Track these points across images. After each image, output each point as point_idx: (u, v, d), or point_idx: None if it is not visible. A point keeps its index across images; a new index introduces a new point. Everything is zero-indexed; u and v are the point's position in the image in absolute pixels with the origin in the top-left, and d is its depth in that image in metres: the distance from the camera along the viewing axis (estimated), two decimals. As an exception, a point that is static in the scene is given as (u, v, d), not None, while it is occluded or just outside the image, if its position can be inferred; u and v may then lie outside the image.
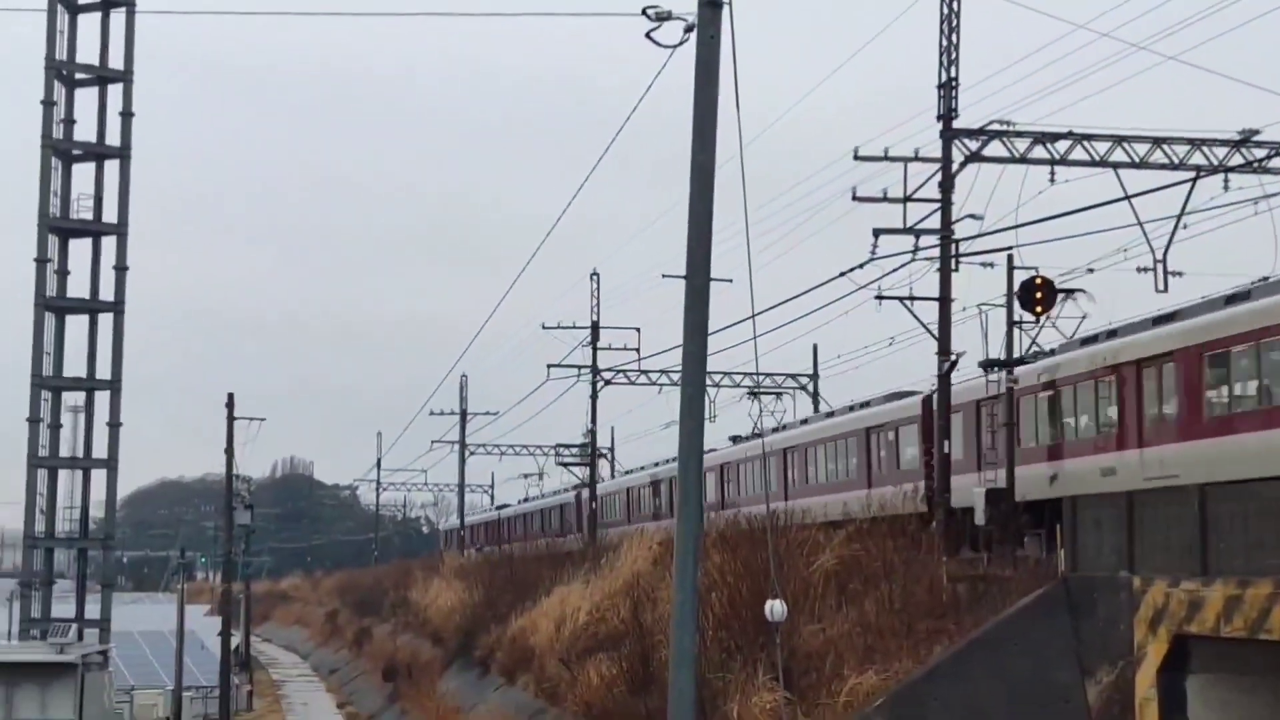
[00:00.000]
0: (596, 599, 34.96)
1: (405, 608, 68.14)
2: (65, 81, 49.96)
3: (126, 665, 60.30)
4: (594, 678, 28.98)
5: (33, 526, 49.27)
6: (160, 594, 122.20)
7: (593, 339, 59.24)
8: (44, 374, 48.80)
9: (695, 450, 10.47)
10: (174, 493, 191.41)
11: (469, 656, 46.96)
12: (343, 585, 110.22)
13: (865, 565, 24.86)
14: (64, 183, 49.72)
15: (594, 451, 60.79)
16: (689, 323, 10.54)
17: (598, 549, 43.48)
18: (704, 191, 10.59)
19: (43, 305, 48.81)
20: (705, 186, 10.58)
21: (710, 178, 10.60)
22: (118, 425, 49.66)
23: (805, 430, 41.93)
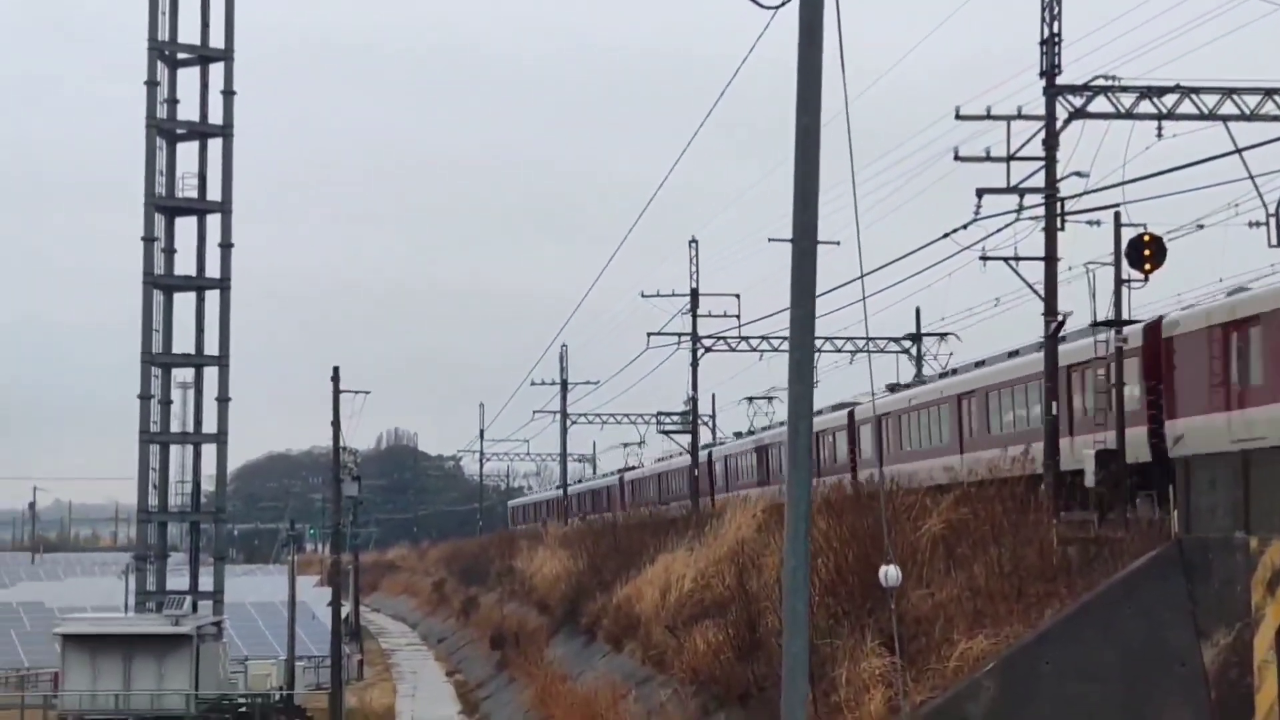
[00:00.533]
0: (701, 566, 34.96)
1: (511, 576, 68.65)
2: (168, 62, 50.69)
3: (239, 636, 61.44)
4: (700, 644, 28.99)
5: (146, 501, 50.27)
6: (271, 566, 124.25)
7: (692, 306, 59.13)
8: (154, 351, 49.70)
9: (805, 415, 10.43)
10: (282, 466, 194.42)
11: (575, 624, 47.21)
12: (448, 555, 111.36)
13: (973, 529, 24.63)
14: (169, 162, 50.51)
15: (695, 419, 60.76)
16: (796, 286, 10.49)
17: (701, 516, 43.47)
18: (809, 154, 10.52)
19: (151, 283, 49.68)
20: (810, 149, 10.51)
21: (816, 141, 10.53)
22: (226, 400, 50.49)
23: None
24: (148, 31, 49.72)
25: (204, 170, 50.84)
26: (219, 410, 50.56)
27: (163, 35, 49.97)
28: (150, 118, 49.74)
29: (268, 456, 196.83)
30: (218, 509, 53.03)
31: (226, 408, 50.57)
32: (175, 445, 53.17)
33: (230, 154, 50.38)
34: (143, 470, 50.01)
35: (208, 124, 50.74)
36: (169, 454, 51.97)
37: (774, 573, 27.72)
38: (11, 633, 68.69)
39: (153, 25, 49.73)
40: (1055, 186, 29.45)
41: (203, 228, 51.00)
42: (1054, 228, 29.51)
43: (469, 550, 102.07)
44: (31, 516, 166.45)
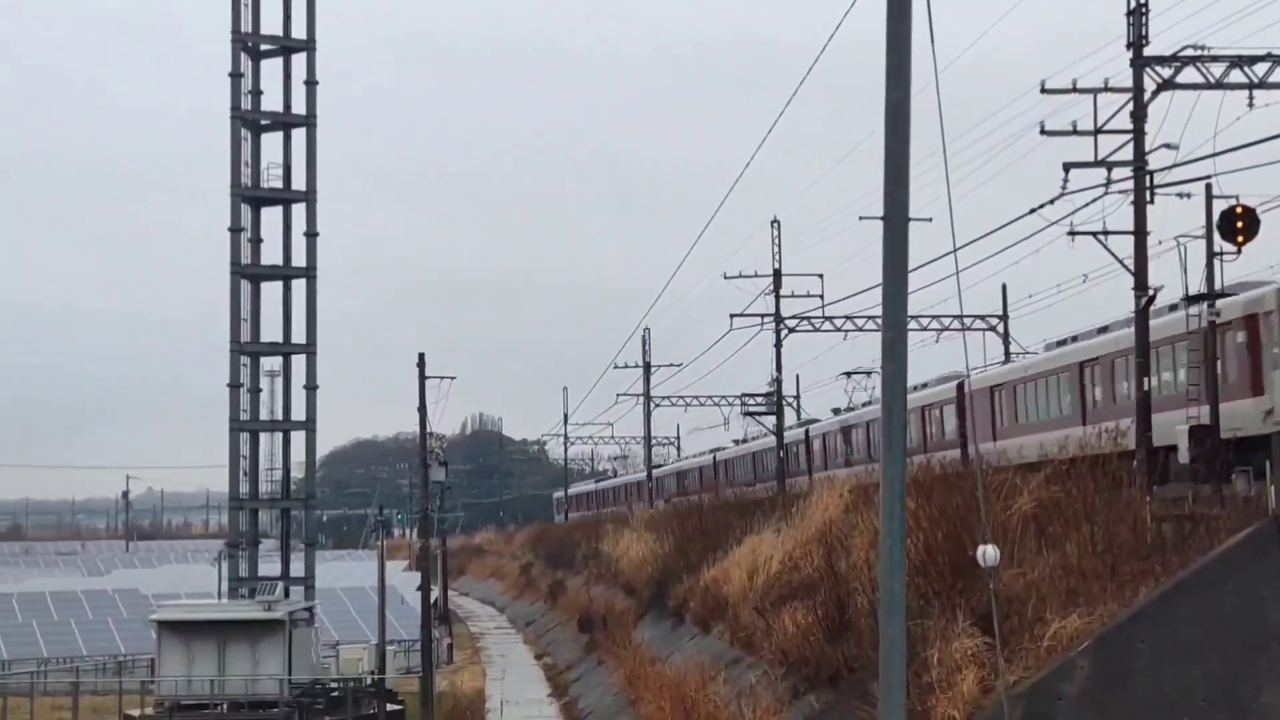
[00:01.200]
0: (788, 547, 34.85)
1: (597, 559, 68.88)
2: (251, 53, 51.17)
3: (330, 621, 62.16)
4: (789, 626, 28.91)
5: (237, 488, 50.84)
6: (360, 551, 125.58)
7: (775, 287, 58.98)
8: (242, 340, 50.24)
9: (898, 394, 10.36)
10: (368, 452, 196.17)
11: (662, 607, 47.27)
12: (534, 538, 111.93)
13: (1065, 507, 24.37)
14: (254, 152, 51.01)
15: (779, 400, 60.61)
16: (888, 264, 10.42)
17: (787, 497, 43.33)
18: (899, 131, 10.43)
19: (238, 273, 50.21)
20: (901, 126, 10.42)
21: (906, 116, 10.43)
22: (314, 388, 50.96)
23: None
24: (231, 24, 50.24)
25: (288, 160, 51.28)
26: (307, 398, 51.05)
27: (245, 27, 50.46)
28: (235, 109, 50.21)
29: (355, 443, 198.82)
30: (307, 495, 53.56)
31: (314, 395, 51.03)
32: (265, 433, 53.75)
33: (314, 143, 50.81)
34: (233, 458, 50.57)
35: (291, 114, 51.16)
36: (259, 441, 52.54)
37: (862, 553, 27.59)
38: (108, 620, 69.97)
39: (235, 18, 50.24)
40: (1144, 159, 29.01)
41: (288, 217, 51.46)
42: (1143, 201, 29.09)
43: (555, 534, 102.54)
44: (125, 505, 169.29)
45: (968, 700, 19.85)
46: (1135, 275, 29.27)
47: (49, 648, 65.77)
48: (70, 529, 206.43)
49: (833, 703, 24.93)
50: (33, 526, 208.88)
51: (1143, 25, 28.91)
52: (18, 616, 71.23)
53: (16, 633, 67.66)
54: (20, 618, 70.94)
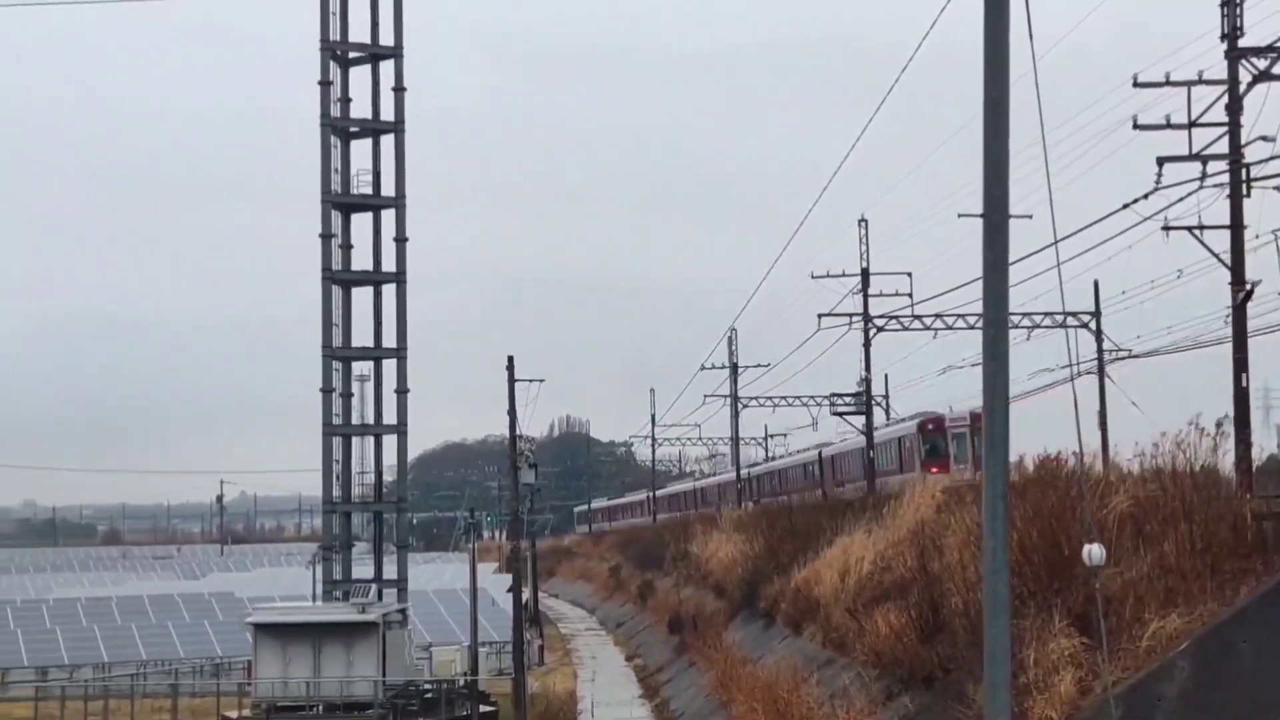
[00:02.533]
0: (880, 548, 34.69)
1: (686, 561, 68.89)
2: (340, 61, 51.66)
3: (422, 623, 62.64)
4: (882, 627, 28.78)
5: (330, 492, 51.24)
6: (450, 554, 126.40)
7: (863, 286, 58.70)
8: (333, 345, 50.67)
9: (1000, 392, 10.30)
10: (458, 455, 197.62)
11: (753, 608, 47.21)
12: (623, 540, 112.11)
13: (1162, 505, 24.07)
14: (343, 159, 51.45)
15: (869, 400, 60.29)
16: (988, 261, 10.39)
17: (878, 498, 43.15)
18: (998, 127, 10.38)
19: (329, 279, 50.67)
20: (1000, 122, 10.37)
21: (1005, 112, 10.38)
22: (405, 391, 51.31)
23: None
24: (320, 32, 50.72)
25: (377, 166, 51.66)
26: (398, 402, 51.39)
27: (334, 36, 50.94)
28: (324, 117, 50.67)
29: (444, 446, 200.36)
30: (399, 499, 53.94)
31: (405, 399, 51.38)
32: (356, 437, 54.19)
33: (402, 149, 51.17)
34: (326, 462, 50.95)
35: (379, 121, 51.55)
36: (351, 446, 52.97)
37: (955, 554, 27.41)
38: (205, 623, 71.03)
39: (324, 26, 50.71)
40: (1240, 152, 28.59)
41: (378, 223, 51.84)
42: (1239, 195, 28.66)
43: (643, 535, 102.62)
44: (219, 509, 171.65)
45: (1065, 701, 19.67)
46: (1232, 270, 28.85)
47: (148, 650, 66.86)
48: (166, 533, 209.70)
49: (927, 704, 24.79)
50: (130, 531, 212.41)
51: (1237, 17, 28.49)
52: (117, 620, 72.51)
53: (116, 635, 68.85)
54: (119, 621, 72.20)
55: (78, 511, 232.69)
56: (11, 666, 65.66)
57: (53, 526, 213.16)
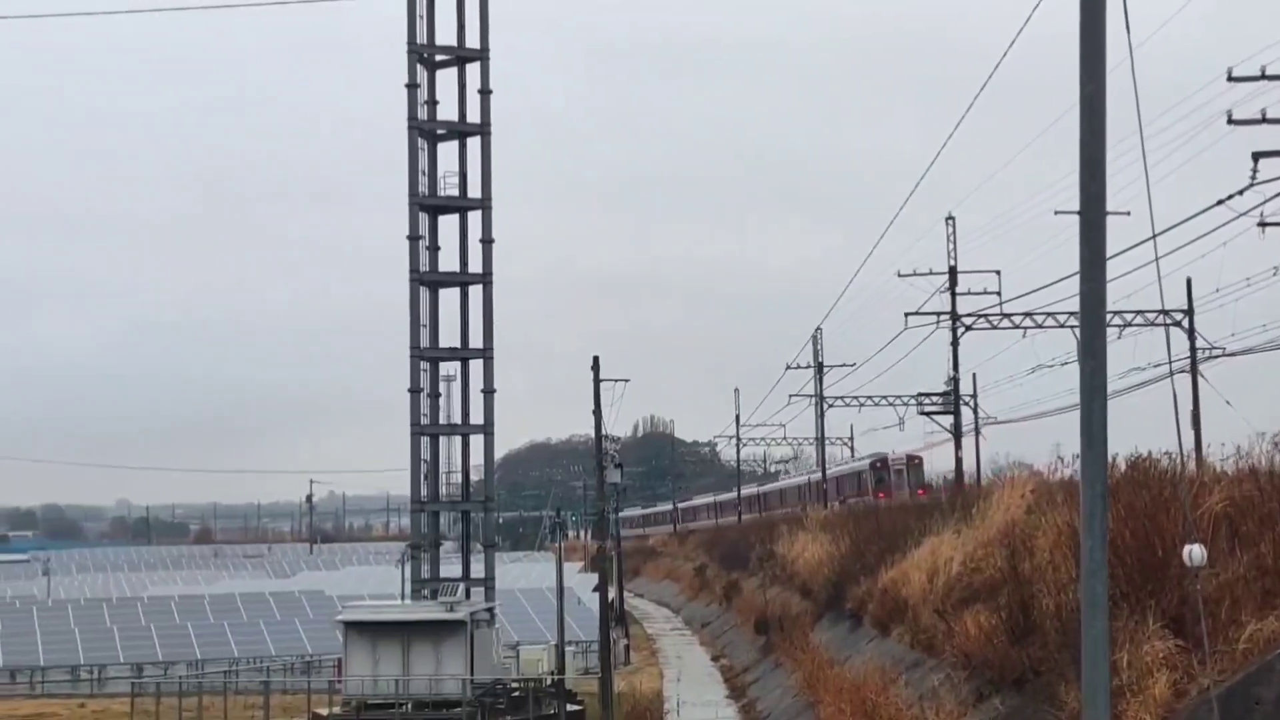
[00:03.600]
0: (969, 549, 34.38)
1: (772, 561, 68.73)
2: (426, 64, 52.07)
3: (509, 621, 63.00)
4: (971, 628, 28.53)
5: (418, 491, 51.64)
6: (536, 553, 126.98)
7: (950, 284, 58.29)
8: (421, 346, 51.07)
9: (1099, 391, 10.21)
10: (543, 455, 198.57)
11: (840, 609, 46.99)
12: (708, 540, 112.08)
13: (1258, 505, 23.69)
14: (430, 161, 51.85)
15: (956, 400, 59.85)
16: (1085, 259, 10.29)
17: (966, 498, 42.78)
18: (1094, 124, 10.28)
19: (417, 280, 51.07)
20: (1095, 119, 10.27)
21: (1101, 110, 10.28)
22: (492, 392, 51.62)
23: None
24: (406, 36, 51.14)
25: (464, 168, 52.01)
26: (484, 402, 51.69)
27: (421, 39, 51.35)
28: (411, 119, 51.07)
29: (529, 446, 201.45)
30: (486, 498, 54.23)
31: (492, 399, 51.68)
32: (444, 436, 54.57)
33: (489, 151, 51.50)
34: (414, 462, 51.36)
35: (466, 123, 51.89)
36: (438, 445, 53.34)
37: (1046, 555, 27.11)
38: (295, 620, 71.87)
39: (411, 30, 51.14)
40: (1338, 146, 28.07)
41: (464, 224, 52.18)
42: (1337, 189, 28.14)
43: (729, 535, 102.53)
44: (309, 509, 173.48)
45: (1160, 704, 19.40)
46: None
47: (240, 648, 67.76)
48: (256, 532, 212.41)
49: (1018, 707, 24.55)
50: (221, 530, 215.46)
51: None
52: (210, 617, 73.56)
53: (209, 633, 69.85)
54: (212, 618, 73.25)
55: (170, 511, 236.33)
56: (108, 663, 66.81)
57: (146, 526, 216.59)
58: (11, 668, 66.53)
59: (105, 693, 62.03)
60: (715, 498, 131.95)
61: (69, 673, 66.69)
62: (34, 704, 58.45)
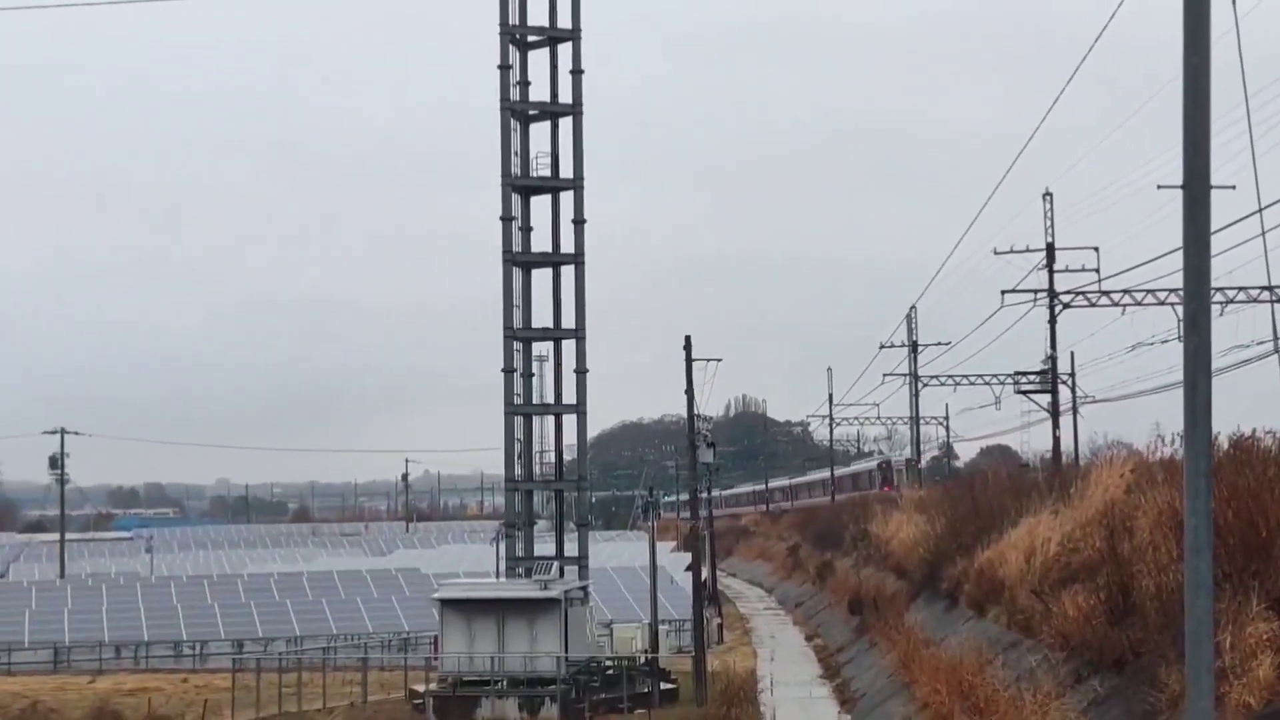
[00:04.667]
0: (1067, 529, 34.04)
1: (866, 541, 68.45)
2: (518, 45, 52.23)
3: (602, 600, 63.29)
4: (1070, 609, 28.25)
5: (512, 471, 51.98)
6: (629, 532, 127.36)
7: (1048, 261, 57.65)
8: (514, 326, 51.34)
9: (1203, 368, 10.07)
10: (635, 434, 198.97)
11: (935, 589, 46.70)
12: (801, 520, 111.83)
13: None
14: (523, 142, 52.03)
15: (1054, 378, 59.22)
16: (1189, 235, 10.14)
17: (1064, 478, 42.33)
18: (1198, 97, 10.12)
19: (510, 261, 51.33)
20: (1200, 92, 10.11)
21: (1206, 83, 10.12)
22: (584, 371, 51.81)
23: None
24: (499, 17, 51.32)
25: (556, 149, 52.16)
26: (577, 382, 51.91)
27: (513, 20, 51.51)
28: (504, 100, 51.26)
29: (622, 425, 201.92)
30: (580, 477, 54.48)
31: (584, 379, 51.87)
32: (537, 416, 54.85)
33: (580, 131, 51.56)
34: (508, 441, 51.68)
35: (558, 104, 52.01)
36: (532, 425, 53.64)
37: (1146, 535, 26.77)
38: (392, 598, 72.67)
39: (503, 11, 51.30)
40: None
41: (557, 205, 52.34)
42: None
43: (822, 515, 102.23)
44: (405, 488, 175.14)
45: (1264, 686, 19.10)
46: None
47: (337, 624, 68.64)
48: (353, 511, 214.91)
49: (1118, 687, 24.28)
50: (319, 509, 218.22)
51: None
52: (308, 594, 74.59)
53: (307, 610, 70.82)
54: (310, 595, 74.27)
55: (269, 490, 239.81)
56: (210, 639, 68.00)
57: (245, 504, 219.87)
58: (117, 643, 67.91)
59: (207, 668, 63.15)
60: (790, 480, 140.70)
61: (172, 648, 67.97)
62: (138, 678, 59.62)
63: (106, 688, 54.88)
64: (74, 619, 69.29)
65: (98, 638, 67.76)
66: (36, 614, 70.18)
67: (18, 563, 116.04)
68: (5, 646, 66.29)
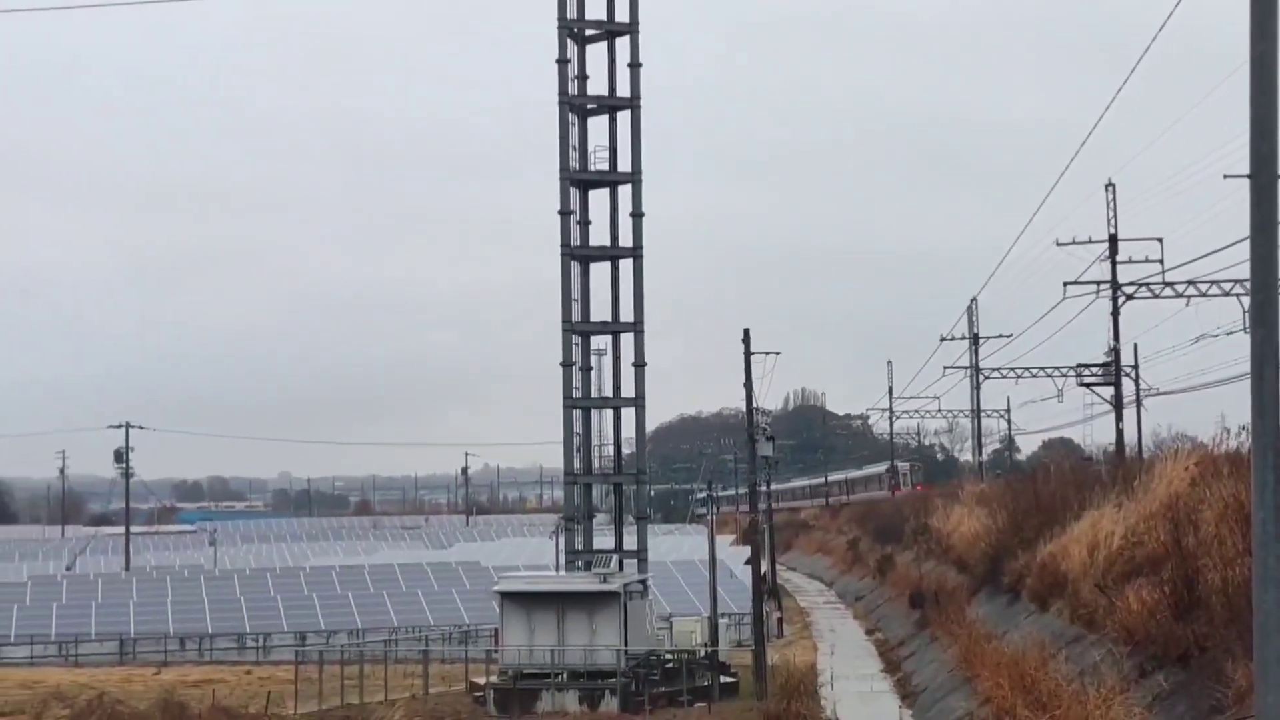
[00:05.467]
0: (1131, 523, 33.71)
1: (926, 535, 68.11)
2: (577, 39, 52.29)
3: (661, 593, 63.29)
4: (1134, 603, 27.96)
5: (571, 464, 52.06)
6: (688, 525, 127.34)
7: (1111, 252, 57.08)
8: (572, 320, 51.41)
9: (1270, 359, 9.92)
10: (693, 428, 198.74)
11: (996, 583, 46.40)
12: (861, 514, 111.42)
13: None
14: (581, 136, 52.09)
15: (1117, 371, 58.67)
16: (1255, 223, 10.00)
17: (1128, 471, 41.93)
18: (1265, 84, 9.99)
19: (568, 254, 51.41)
20: (1267, 79, 9.98)
21: (1272, 67, 9.97)
22: (643, 365, 51.81)
23: None
24: (557, 11, 51.40)
25: (614, 142, 52.16)
26: (636, 375, 51.91)
27: (571, 14, 51.58)
28: (562, 94, 51.32)
29: (680, 419, 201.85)
30: (639, 470, 54.50)
31: (643, 373, 51.86)
32: (596, 410, 54.93)
33: (638, 125, 51.57)
34: (567, 435, 51.75)
35: (616, 97, 52.01)
36: (590, 418, 53.70)
37: (1212, 528, 26.47)
38: (452, 591, 73.02)
39: (562, 6, 51.38)
40: None
41: (615, 198, 52.34)
42: None
43: (882, 509, 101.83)
44: (464, 481, 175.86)
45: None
46: None
47: (398, 617, 69.04)
48: (414, 504, 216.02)
49: (1183, 683, 24.02)
50: (379, 502, 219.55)
51: None
52: (369, 587, 75.07)
53: (369, 603, 71.27)
54: (372, 588, 74.75)
55: (330, 483, 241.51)
56: (273, 631, 68.56)
57: (307, 498, 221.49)
58: (181, 635, 68.63)
59: (270, 660, 63.66)
60: (847, 475, 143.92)
61: (235, 640, 68.59)
62: (202, 670, 60.22)
63: (171, 679, 55.44)
64: (139, 611, 70.07)
65: (163, 630, 68.50)
66: (103, 606, 71.04)
67: (84, 556, 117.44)
68: (72, 638, 67.15)
